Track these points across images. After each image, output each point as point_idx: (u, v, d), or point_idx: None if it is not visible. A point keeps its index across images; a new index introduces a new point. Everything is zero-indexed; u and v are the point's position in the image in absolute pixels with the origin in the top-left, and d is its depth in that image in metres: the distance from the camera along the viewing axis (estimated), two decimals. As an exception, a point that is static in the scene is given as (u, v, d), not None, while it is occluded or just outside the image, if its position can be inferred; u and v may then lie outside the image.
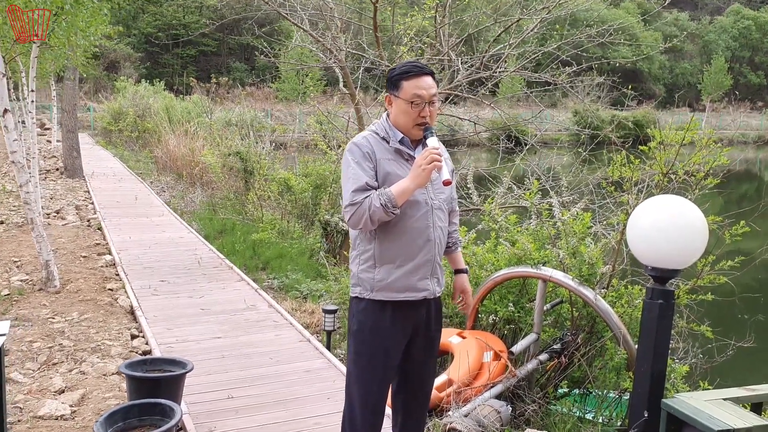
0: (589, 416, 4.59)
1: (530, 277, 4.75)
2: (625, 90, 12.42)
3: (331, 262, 8.21)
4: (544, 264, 4.70)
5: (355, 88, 8.18)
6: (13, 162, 6.23)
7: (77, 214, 11.22)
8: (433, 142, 2.73)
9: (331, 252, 8.78)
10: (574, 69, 7.99)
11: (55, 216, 10.88)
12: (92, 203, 12.30)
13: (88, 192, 13.62)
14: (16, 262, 7.70)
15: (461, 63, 7.28)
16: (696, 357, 5.02)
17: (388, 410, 3.15)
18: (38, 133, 26.29)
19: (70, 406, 4.26)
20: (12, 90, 12.55)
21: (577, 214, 4.95)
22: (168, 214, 11.30)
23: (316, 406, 4.37)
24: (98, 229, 10.06)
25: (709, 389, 4.34)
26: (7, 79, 11.62)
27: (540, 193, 5.53)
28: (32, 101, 9.45)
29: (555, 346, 4.79)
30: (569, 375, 4.77)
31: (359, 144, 2.82)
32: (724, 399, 3.28)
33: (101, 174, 16.09)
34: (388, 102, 2.89)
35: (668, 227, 3.11)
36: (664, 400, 3.25)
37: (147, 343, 5.45)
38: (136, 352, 5.29)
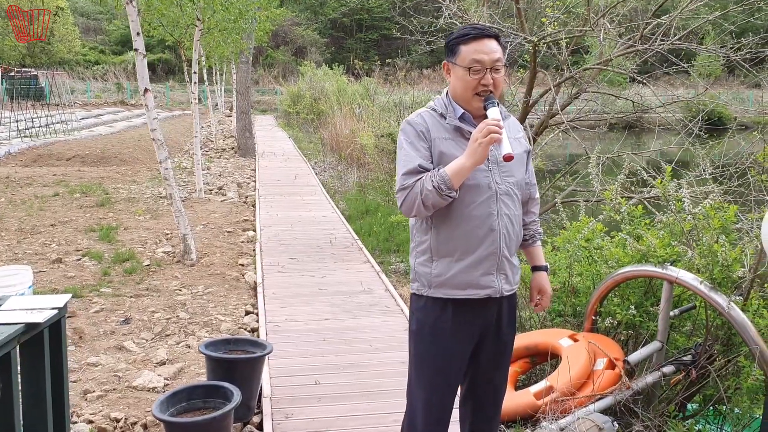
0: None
1: (654, 277, 4.11)
2: None
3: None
4: (672, 263, 4.04)
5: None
6: (153, 139, 6.57)
7: (237, 191, 11.81)
8: (493, 113, 2.38)
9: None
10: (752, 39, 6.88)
11: (216, 192, 11.54)
12: (254, 181, 12.90)
13: (254, 170, 14.32)
14: (167, 234, 8.21)
15: (605, 34, 6.50)
16: None
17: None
18: (226, 115, 28.40)
19: (165, 379, 4.37)
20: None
21: (720, 206, 4.19)
22: (320, 194, 11.54)
23: (400, 400, 4.07)
24: (252, 205, 10.49)
25: None
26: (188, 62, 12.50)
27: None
28: (195, 82, 10.02)
29: (684, 358, 4.12)
30: (701, 392, 4.09)
31: (412, 122, 2.52)
32: None
33: (271, 153, 16.89)
34: (447, 71, 2.54)
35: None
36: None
37: (257, 321, 5.50)
38: (245, 329, 5.35)
